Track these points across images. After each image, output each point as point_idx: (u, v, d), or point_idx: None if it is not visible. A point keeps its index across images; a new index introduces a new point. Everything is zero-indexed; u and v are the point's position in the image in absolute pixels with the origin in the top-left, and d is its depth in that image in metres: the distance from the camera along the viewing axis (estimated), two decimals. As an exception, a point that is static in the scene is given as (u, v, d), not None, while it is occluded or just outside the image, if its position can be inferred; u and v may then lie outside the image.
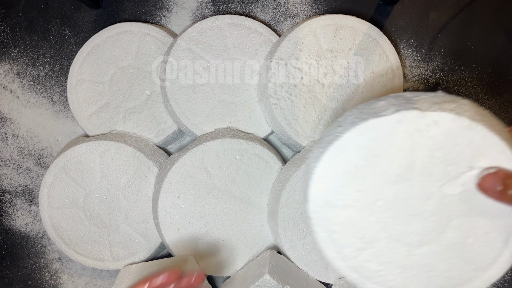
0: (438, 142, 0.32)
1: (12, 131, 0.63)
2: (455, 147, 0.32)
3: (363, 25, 0.58)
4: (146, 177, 0.57)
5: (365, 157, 0.33)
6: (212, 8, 0.63)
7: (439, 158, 0.32)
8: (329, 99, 0.58)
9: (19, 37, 0.63)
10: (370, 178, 0.34)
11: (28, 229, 0.63)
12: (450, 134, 0.32)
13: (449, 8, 0.63)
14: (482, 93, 0.64)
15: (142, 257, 0.58)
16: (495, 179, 0.30)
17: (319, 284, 0.57)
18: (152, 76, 0.60)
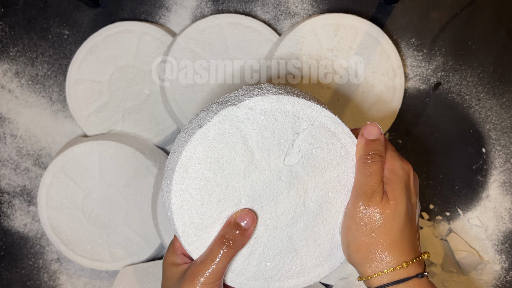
0: (261, 124, 0.35)
1: (11, 131, 0.63)
2: (276, 122, 0.36)
3: (364, 24, 0.58)
4: (145, 177, 0.57)
5: (210, 166, 0.35)
6: (212, 7, 0.63)
7: (269, 137, 0.36)
8: (329, 99, 0.57)
9: (17, 36, 0.63)
10: (223, 183, 0.35)
11: (26, 230, 0.63)
12: (267, 113, 0.35)
13: (450, 7, 0.63)
14: (483, 93, 0.63)
15: (142, 258, 0.58)
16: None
17: (320, 284, 0.56)
18: (151, 75, 0.59)
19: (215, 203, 0.35)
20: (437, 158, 0.63)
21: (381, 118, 0.59)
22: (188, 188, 0.35)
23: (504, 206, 0.63)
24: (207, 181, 0.35)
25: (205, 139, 0.34)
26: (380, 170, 0.35)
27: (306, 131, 0.36)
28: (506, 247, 0.63)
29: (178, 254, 0.38)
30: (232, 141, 0.35)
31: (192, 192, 0.35)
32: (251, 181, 0.36)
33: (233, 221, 0.35)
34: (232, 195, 0.35)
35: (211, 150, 0.35)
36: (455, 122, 0.63)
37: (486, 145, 0.63)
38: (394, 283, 0.33)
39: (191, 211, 0.35)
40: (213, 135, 0.35)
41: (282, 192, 0.36)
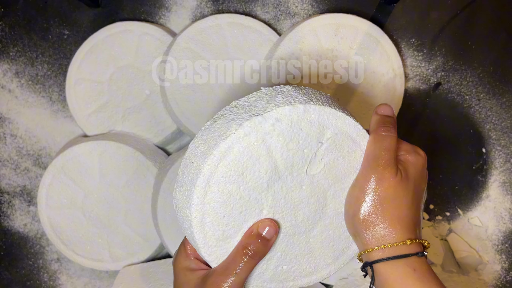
0: (287, 135, 0.34)
1: (11, 131, 0.63)
2: (302, 132, 0.35)
3: (364, 24, 0.58)
4: (145, 177, 0.57)
5: (233, 180, 0.34)
6: (212, 7, 0.63)
7: (294, 148, 0.35)
8: (329, 98, 0.57)
9: (17, 36, 0.63)
10: (246, 196, 0.34)
11: (26, 230, 0.63)
12: (293, 124, 0.34)
13: (450, 7, 0.63)
14: (483, 93, 0.63)
15: (142, 257, 0.58)
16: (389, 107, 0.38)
17: (320, 284, 0.56)
18: (151, 75, 0.59)
19: (237, 215, 0.35)
20: (437, 158, 0.63)
21: (381, 118, 0.59)
22: (210, 202, 0.34)
23: (504, 206, 0.63)
24: (230, 194, 0.34)
25: (229, 152, 0.33)
26: (394, 145, 0.35)
27: (330, 140, 0.36)
28: (506, 247, 0.63)
29: (192, 259, 0.38)
30: (257, 153, 0.34)
31: (214, 205, 0.34)
32: (273, 192, 0.35)
33: (255, 232, 0.35)
34: (254, 206, 0.35)
35: (235, 164, 0.33)
36: (455, 122, 0.63)
37: (486, 145, 0.63)
38: (395, 257, 0.33)
39: (212, 223, 0.34)
40: (238, 148, 0.33)
41: (303, 201, 0.36)
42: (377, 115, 0.38)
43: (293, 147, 0.35)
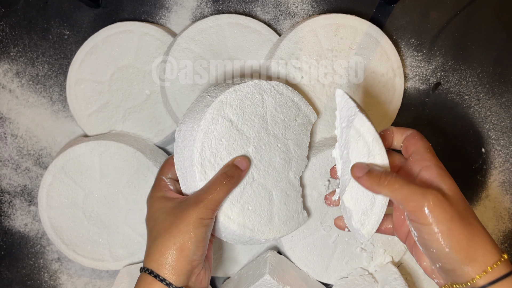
0: (278, 99, 0.49)
1: (11, 131, 0.63)
2: (286, 105, 0.50)
3: (363, 25, 0.58)
4: (145, 177, 0.57)
5: (236, 112, 0.46)
6: (212, 7, 0.63)
7: (279, 112, 0.49)
8: (329, 99, 0.58)
9: (18, 36, 0.63)
10: (240, 131, 0.46)
11: (27, 230, 0.63)
12: (283, 96, 0.50)
13: (450, 8, 0.63)
14: (483, 93, 0.63)
15: (142, 257, 0.58)
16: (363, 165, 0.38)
17: (319, 284, 0.57)
18: (151, 75, 0.59)
19: (230, 143, 0.45)
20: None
21: (381, 118, 0.59)
22: (217, 122, 0.44)
23: (504, 206, 0.63)
24: (231, 123, 0.45)
25: (239, 91, 0.46)
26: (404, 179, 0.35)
27: (300, 122, 0.51)
28: (506, 247, 0.63)
29: (167, 190, 0.45)
30: (256, 102, 0.48)
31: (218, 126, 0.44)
32: (259, 138, 0.47)
33: (231, 163, 0.43)
34: (244, 142, 0.46)
35: (241, 101, 0.46)
36: (454, 122, 0.63)
37: (486, 145, 0.64)
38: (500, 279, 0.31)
39: (210, 144, 0.44)
40: (247, 91, 0.47)
41: (276, 155, 0.48)
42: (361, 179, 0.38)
43: (279, 111, 0.49)
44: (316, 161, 0.54)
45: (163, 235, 0.39)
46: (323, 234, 0.55)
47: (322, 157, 0.54)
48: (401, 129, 0.42)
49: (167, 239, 0.39)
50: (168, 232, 0.39)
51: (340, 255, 0.56)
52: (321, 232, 0.55)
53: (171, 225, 0.39)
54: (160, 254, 0.38)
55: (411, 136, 0.40)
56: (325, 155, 0.54)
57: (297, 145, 0.51)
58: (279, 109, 0.49)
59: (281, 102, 0.49)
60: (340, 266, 0.56)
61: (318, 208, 0.55)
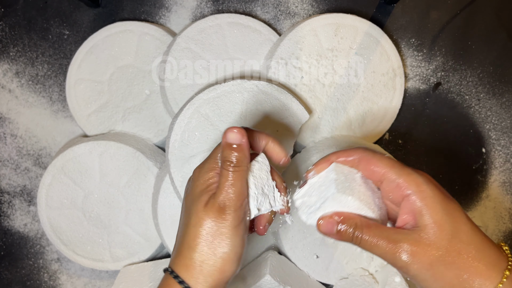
0: (259, 99, 0.52)
1: (11, 131, 0.63)
2: (271, 104, 0.52)
3: (364, 24, 0.58)
4: (145, 177, 0.57)
5: (213, 109, 0.51)
6: (212, 7, 0.63)
7: (260, 111, 0.52)
8: (329, 98, 0.57)
9: (17, 36, 0.63)
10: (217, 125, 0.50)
11: (27, 230, 0.63)
12: (267, 95, 0.52)
13: (450, 7, 0.63)
14: (483, 93, 0.63)
15: (142, 257, 0.58)
16: (330, 224, 0.33)
17: (320, 284, 0.56)
18: (151, 75, 0.59)
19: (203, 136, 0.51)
20: (437, 158, 0.63)
21: (381, 118, 0.59)
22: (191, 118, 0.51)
23: (504, 206, 0.63)
24: (207, 118, 0.51)
25: (219, 90, 0.51)
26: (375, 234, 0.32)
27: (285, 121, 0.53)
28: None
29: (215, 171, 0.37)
30: (234, 101, 0.51)
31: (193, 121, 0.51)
32: None
33: (223, 143, 0.35)
34: (218, 136, 0.51)
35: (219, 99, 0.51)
36: (455, 122, 0.63)
37: (486, 145, 0.63)
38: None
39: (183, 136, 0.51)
40: (227, 90, 0.51)
41: None
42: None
43: (261, 109, 0.52)
44: (316, 161, 0.54)
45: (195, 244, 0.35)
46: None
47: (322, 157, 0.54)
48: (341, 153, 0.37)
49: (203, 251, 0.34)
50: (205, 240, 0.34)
51: (340, 256, 0.56)
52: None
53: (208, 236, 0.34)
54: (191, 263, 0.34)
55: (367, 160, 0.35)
56: (325, 155, 0.54)
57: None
58: (260, 107, 0.52)
59: (264, 100, 0.52)
60: (340, 267, 0.56)
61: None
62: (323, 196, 0.35)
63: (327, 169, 0.37)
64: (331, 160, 0.37)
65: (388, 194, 0.34)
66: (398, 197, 0.33)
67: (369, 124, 0.59)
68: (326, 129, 0.58)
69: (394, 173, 0.33)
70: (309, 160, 0.54)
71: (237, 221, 0.35)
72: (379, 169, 0.34)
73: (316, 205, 0.35)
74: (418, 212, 0.31)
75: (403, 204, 0.33)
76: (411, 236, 0.31)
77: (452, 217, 0.31)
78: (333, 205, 0.34)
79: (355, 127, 0.58)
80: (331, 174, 0.35)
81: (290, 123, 0.53)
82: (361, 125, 0.58)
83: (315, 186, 0.36)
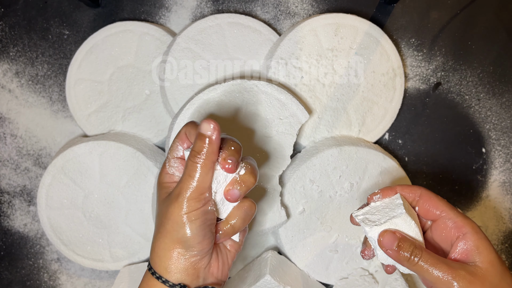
0: (259, 99, 0.52)
1: (11, 131, 0.63)
2: (270, 104, 0.52)
3: (364, 24, 0.58)
4: (145, 177, 0.57)
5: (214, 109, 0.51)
6: (212, 7, 0.63)
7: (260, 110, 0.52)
8: (329, 98, 0.57)
9: (17, 36, 0.63)
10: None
11: (27, 230, 0.63)
12: (267, 95, 0.52)
13: (450, 7, 0.63)
14: (483, 93, 0.63)
15: (142, 257, 0.58)
16: (392, 238, 0.36)
17: (320, 284, 0.56)
18: (151, 75, 0.59)
19: None
20: (437, 158, 0.63)
21: (381, 118, 0.59)
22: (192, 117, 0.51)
23: (504, 206, 0.63)
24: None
25: (219, 89, 0.51)
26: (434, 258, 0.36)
27: (285, 121, 0.53)
28: (506, 247, 0.63)
29: (167, 174, 0.39)
30: (234, 100, 0.51)
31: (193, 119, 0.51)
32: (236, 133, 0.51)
33: (197, 135, 0.35)
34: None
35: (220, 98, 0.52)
36: (455, 122, 0.63)
37: (486, 145, 0.63)
38: None
39: None
40: (227, 90, 0.51)
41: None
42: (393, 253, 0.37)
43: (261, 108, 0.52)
44: (316, 161, 0.54)
45: (155, 234, 0.37)
46: (323, 234, 0.55)
47: (322, 157, 0.54)
48: (405, 187, 0.40)
49: (159, 239, 0.37)
50: (159, 232, 0.37)
51: (340, 256, 0.56)
52: (321, 233, 0.55)
53: (160, 225, 0.37)
54: (155, 254, 0.37)
55: (428, 197, 0.39)
56: (325, 155, 0.54)
57: (279, 143, 0.52)
58: (260, 107, 0.52)
59: (264, 100, 0.52)
60: (340, 267, 0.56)
61: (318, 209, 0.55)
62: (389, 215, 0.38)
63: (392, 197, 0.40)
64: (396, 190, 0.40)
65: (441, 231, 0.38)
66: (451, 235, 0.37)
67: (369, 124, 0.59)
68: (326, 129, 0.58)
69: (453, 214, 0.37)
70: (309, 160, 0.54)
71: (192, 208, 0.35)
72: (438, 208, 0.38)
73: (380, 221, 0.38)
74: (475, 249, 0.35)
75: (457, 241, 0.37)
76: (467, 268, 0.35)
77: (501, 260, 0.36)
78: (398, 224, 0.37)
79: (355, 127, 0.58)
80: (397, 200, 0.39)
81: (290, 123, 0.53)
82: (361, 125, 0.59)
83: (378, 208, 0.39)
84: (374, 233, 0.38)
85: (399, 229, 0.37)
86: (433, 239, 0.40)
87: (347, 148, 0.55)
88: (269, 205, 0.52)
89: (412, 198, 0.40)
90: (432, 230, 0.39)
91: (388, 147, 0.63)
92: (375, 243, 0.38)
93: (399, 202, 0.38)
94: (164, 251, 0.36)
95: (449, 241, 0.38)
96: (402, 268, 0.38)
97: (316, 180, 0.54)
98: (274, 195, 0.52)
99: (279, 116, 0.52)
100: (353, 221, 0.41)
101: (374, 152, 0.56)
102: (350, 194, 0.55)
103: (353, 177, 0.55)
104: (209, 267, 0.38)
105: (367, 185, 0.56)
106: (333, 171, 0.55)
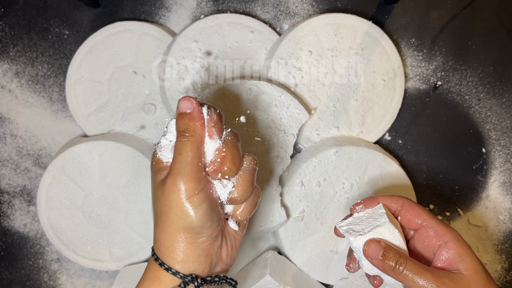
0: (259, 99, 0.52)
1: (11, 131, 0.63)
2: (271, 104, 0.53)
3: (364, 24, 0.58)
4: (145, 177, 0.57)
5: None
6: (212, 7, 0.63)
7: (260, 110, 0.52)
8: (329, 98, 0.57)
9: (17, 36, 0.63)
10: None
11: (26, 230, 0.63)
12: (267, 94, 0.52)
13: (450, 7, 0.63)
14: (483, 93, 0.63)
15: (142, 257, 0.58)
16: (377, 248, 0.36)
17: (320, 285, 0.56)
18: (151, 75, 0.59)
19: None
20: (437, 158, 0.63)
21: (381, 118, 0.59)
22: None
23: (504, 206, 0.63)
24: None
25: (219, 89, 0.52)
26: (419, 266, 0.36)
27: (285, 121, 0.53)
28: (506, 247, 0.63)
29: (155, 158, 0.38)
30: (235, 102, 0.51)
31: None
32: None
33: (176, 115, 0.35)
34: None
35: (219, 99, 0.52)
36: (455, 122, 0.63)
37: (486, 145, 0.63)
38: None
39: None
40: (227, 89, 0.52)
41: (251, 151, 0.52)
42: None
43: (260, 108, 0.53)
44: (316, 161, 0.54)
45: (158, 223, 0.35)
46: (323, 234, 0.55)
47: (322, 157, 0.54)
48: (388, 197, 0.41)
49: (163, 228, 0.35)
50: (162, 221, 0.35)
51: (340, 256, 0.56)
52: (321, 233, 0.55)
53: (162, 213, 0.35)
54: (161, 244, 0.35)
55: (410, 207, 0.39)
56: (325, 155, 0.54)
57: (279, 143, 0.52)
58: (260, 107, 0.52)
59: (264, 100, 0.52)
60: (340, 267, 0.56)
61: (318, 209, 0.55)
62: (373, 224, 0.38)
63: (375, 207, 0.40)
64: (379, 200, 0.40)
65: (423, 240, 0.38)
66: (433, 244, 0.38)
67: (369, 124, 0.59)
68: (326, 129, 0.58)
69: (435, 223, 0.38)
70: (309, 160, 0.54)
71: (192, 190, 0.33)
72: (420, 217, 0.38)
73: (364, 230, 0.38)
74: (458, 257, 0.36)
75: (440, 249, 0.37)
76: (451, 276, 0.35)
77: (484, 267, 0.36)
78: (382, 233, 0.37)
79: (355, 127, 0.58)
80: (380, 210, 0.39)
81: (290, 123, 0.53)
82: (361, 125, 0.59)
83: (362, 219, 0.40)
84: (358, 243, 0.38)
85: (383, 238, 0.37)
86: (415, 249, 0.40)
87: (347, 148, 0.55)
88: (269, 205, 0.52)
89: (394, 208, 0.40)
90: (415, 240, 0.40)
91: (388, 147, 0.63)
92: (360, 253, 0.38)
93: (382, 211, 0.39)
94: (171, 241, 0.34)
95: (431, 250, 0.38)
96: (387, 278, 0.38)
97: (316, 180, 0.54)
98: (274, 195, 0.52)
99: (279, 116, 0.52)
100: (337, 233, 0.41)
101: (374, 152, 0.56)
102: (350, 194, 0.55)
103: (353, 177, 0.55)
104: (219, 251, 0.36)
105: (367, 185, 0.56)
106: (333, 171, 0.55)
